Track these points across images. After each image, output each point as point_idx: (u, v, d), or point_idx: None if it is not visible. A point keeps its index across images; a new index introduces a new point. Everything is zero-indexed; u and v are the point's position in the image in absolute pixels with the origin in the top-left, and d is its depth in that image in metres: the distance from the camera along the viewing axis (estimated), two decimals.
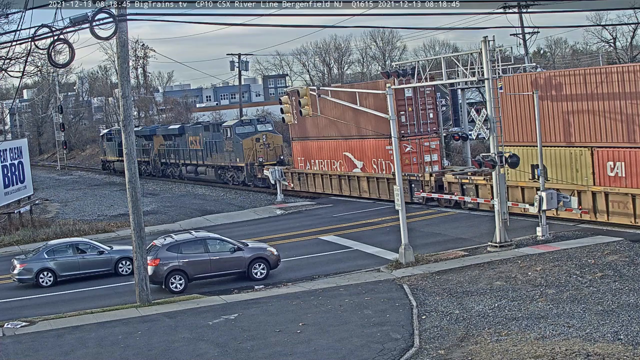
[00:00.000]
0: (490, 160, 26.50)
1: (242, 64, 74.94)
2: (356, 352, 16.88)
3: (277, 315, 20.40)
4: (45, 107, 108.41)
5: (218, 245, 25.82)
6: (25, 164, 44.68)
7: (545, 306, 19.09)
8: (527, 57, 51.44)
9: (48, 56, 20.13)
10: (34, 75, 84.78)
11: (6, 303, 25.66)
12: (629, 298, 19.05)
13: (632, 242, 25.02)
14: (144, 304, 22.86)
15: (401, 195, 25.93)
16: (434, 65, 30.09)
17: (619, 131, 27.72)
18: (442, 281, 22.72)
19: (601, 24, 75.43)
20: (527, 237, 27.59)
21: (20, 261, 27.87)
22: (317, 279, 25.12)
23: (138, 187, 23.31)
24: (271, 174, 45.02)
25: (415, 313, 19.50)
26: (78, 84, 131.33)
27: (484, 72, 26.73)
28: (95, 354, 18.38)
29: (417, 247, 26.92)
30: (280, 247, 28.22)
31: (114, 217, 44.27)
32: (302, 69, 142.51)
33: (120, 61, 22.99)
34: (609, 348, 15.58)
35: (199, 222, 39.85)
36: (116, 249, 29.07)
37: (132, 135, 23.32)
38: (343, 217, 37.26)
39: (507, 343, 16.57)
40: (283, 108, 32.81)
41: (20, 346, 19.50)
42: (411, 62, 32.69)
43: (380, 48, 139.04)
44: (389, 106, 26.72)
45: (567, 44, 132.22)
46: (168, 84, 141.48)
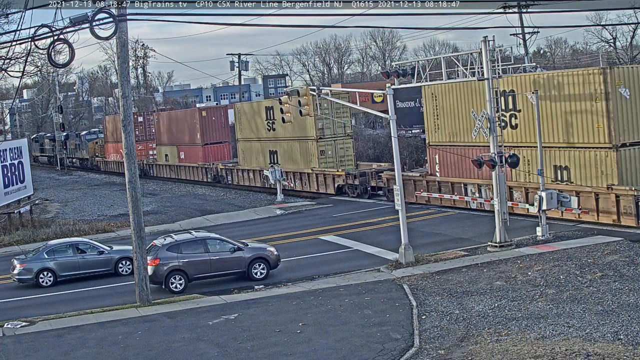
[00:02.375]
0: (490, 160, 26.50)
1: (242, 64, 74.98)
2: (356, 352, 16.88)
3: (277, 315, 20.41)
4: (45, 107, 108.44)
5: (218, 245, 25.82)
6: (25, 164, 44.69)
7: (545, 306, 19.09)
8: (527, 57, 51.48)
9: (48, 56, 20.14)
10: (34, 75, 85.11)
11: (6, 303, 25.67)
12: (629, 298, 19.05)
13: (632, 242, 25.01)
14: (144, 304, 22.86)
15: (401, 195, 25.92)
16: (434, 65, 30.07)
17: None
18: (442, 281, 22.72)
19: (601, 24, 75.52)
20: (527, 237, 27.58)
21: (20, 261, 27.87)
22: (317, 279, 25.13)
23: (138, 187, 23.32)
24: (271, 174, 45.01)
25: (415, 313, 19.50)
26: (78, 84, 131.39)
27: (484, 72, 26.73)
28: (95, 354, 18.39)
29: (417, 247, 26.93)
30: (280, 247, 28.22)
31: (114, 217, 44.28)
32: (302, 69, 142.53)
33: (120, 61, 22.99)
34: (609, 348, 15.58)
35: (199, 222, 39.86)
36: (116, 249, 29.07)
37: (132, 135, 23.33)
38: (343, 217, 37.27)
39: (507, 343, 16.57)
40: (283, 108, 32.82)
41: (20, 346, 19.51)
42: (411, 62, 32.65)
43: (380, 48, 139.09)
44: (389, 106, 26.73)
45: (567, 44, 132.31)
46: (168, 84, 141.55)
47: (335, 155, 44.58)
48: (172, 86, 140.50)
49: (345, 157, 44.97)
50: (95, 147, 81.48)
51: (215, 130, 58.84)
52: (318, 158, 44.61)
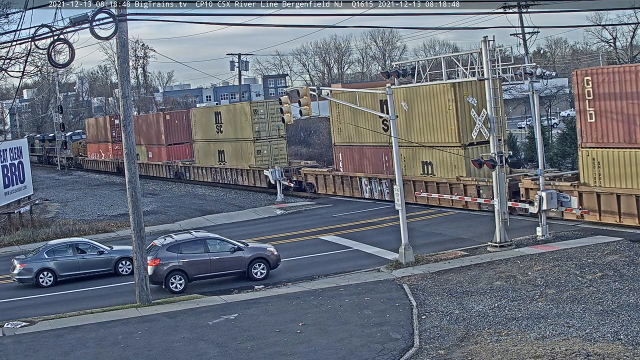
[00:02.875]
0: (490, 160, 26.50)
1: (242, 64, 75.02)
2: (356, 352, 16.89)
3: (277, 315, 20.41)
4: (45, 107, 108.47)
5: (218, 245, 25.82)
6: (25, 164, 44.69)
7: (545, 306, 19.10)
8: (527, 57, 51.39)
9: (48, 56, 20.13)
10: (34, 75, 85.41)
11: (6, 303, 25.67)
12: (629, 298, 19.05)
13: (632, 242, 25.02)
14: (144, 304, 22.86)
15: (401, 195, 25.92)
16: (434, 65, 30.07)
17: None
18: (442, 281, 22.72)
19: (601, 24, 75.51)
20: (527, 237, 27.58)
21: (20, 261, 27.87)
22: (317, 279, 25.12)
23: (138, 187, 23.32)
24: (271, 174, 45.12)
25: (415, 313, 19.50)
26: (78, 84, 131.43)
27: (484, 72, 26.73)
28: (95, 354, 18.39)
29: (417, 247, 26.92)
30: (280, 247, 28.21)
31: (114, 217, 44.29)
32: (302, 69, 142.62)
33: (120, 61, 23.00)
34: (609, 348, 15.59)
35: (199, 222, 39.86)
36: (116, 249, 29.07)
37: (132, 135, 23.33)
38: (343, 217, 37.27)
39: (507, 343, 16.57)
40: (283, 108, 32.78)
41: (20, 346, 19.51)
42: (411, 62, 32.67)
43: (380, 48, 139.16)
44: (389, 106, 26.73)
45: (567, 44, 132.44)
46: (168, 84, 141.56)
47: (270, 155, 50.72)
48: (172, 86, 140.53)
49: (279, 156, 51.15)
50: (79, 147, 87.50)
51: (178, 132, 64.46)
52: (255, 156, 50.71)
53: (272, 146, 50.85)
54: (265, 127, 50.61)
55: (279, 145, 51.20)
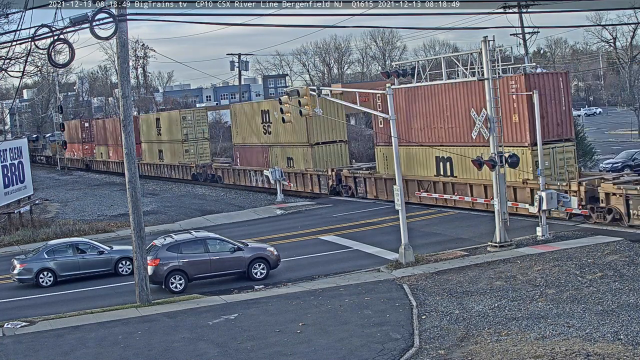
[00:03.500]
0: (490, 160, 26.50)
1: (242, 64, 75.06)
2: (356, 352, 16.89)
3: (277, 315, 20.41)
4: (45, 107, 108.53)
5: (218, 245, 25.82)
6: (25, 164, 44.69)
7: (545, 306, 19.10)
8: (527, 57, 51.44)
9: (48, 56, 20.11)
10: (34, 75, 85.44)
11: (6, 303, 25.66)
12: (629, 298, 19.05)
13: (632, 242, 25.03)
14: (144, 304, 22.86)
15: (401, 195, 25.92)
16: (434, 65, 30.08)
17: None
18: (442, 281, 22.72)
19: (601, 24, 75.53)
20: (527, 237, 27.59)
21: (20, 261, 27.86)
22: (317, 279, 25.12)
23: (138, 187, 23.31)
24: (271, 173, 45.12)
25: (415, 313, 19.50)
26: (78, 84, 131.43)
27: (484, 72, 26.73)
28: (95, 354, 18.39)
29: (417, 247, 26.92)
30: (280, 247, 28.21)
31: (114, 217, 44.29)
32: (302, 69, 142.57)
33: (120, 61, 22.99)
34: (609, 348, 15.59)
35: (199, 222, 39.85)
36: (116, 249, 29.06)
37: (132, 135, 23.34)
38: (343, 217, 37.27)
39: (507, 343, 16.57)
40: (283, 108, 32.77)
41: (20, 346, 19.51)
42: (411, 62, 32.69)
43: (380, 48, 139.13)
44: (389, 106, 26.73)
45: (567, 44, 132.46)
46: (168, 84, 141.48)
47: (196, 153, 62.13)
48: (172, 86, 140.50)
49: (203, 154, 62.41)
50: (57, 147, 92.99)
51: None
52: (183, 155, 62.64)
53: (198, 146, 62.31)
54: (192, 131, 62.33)
55: (203, 145, 62.65)
